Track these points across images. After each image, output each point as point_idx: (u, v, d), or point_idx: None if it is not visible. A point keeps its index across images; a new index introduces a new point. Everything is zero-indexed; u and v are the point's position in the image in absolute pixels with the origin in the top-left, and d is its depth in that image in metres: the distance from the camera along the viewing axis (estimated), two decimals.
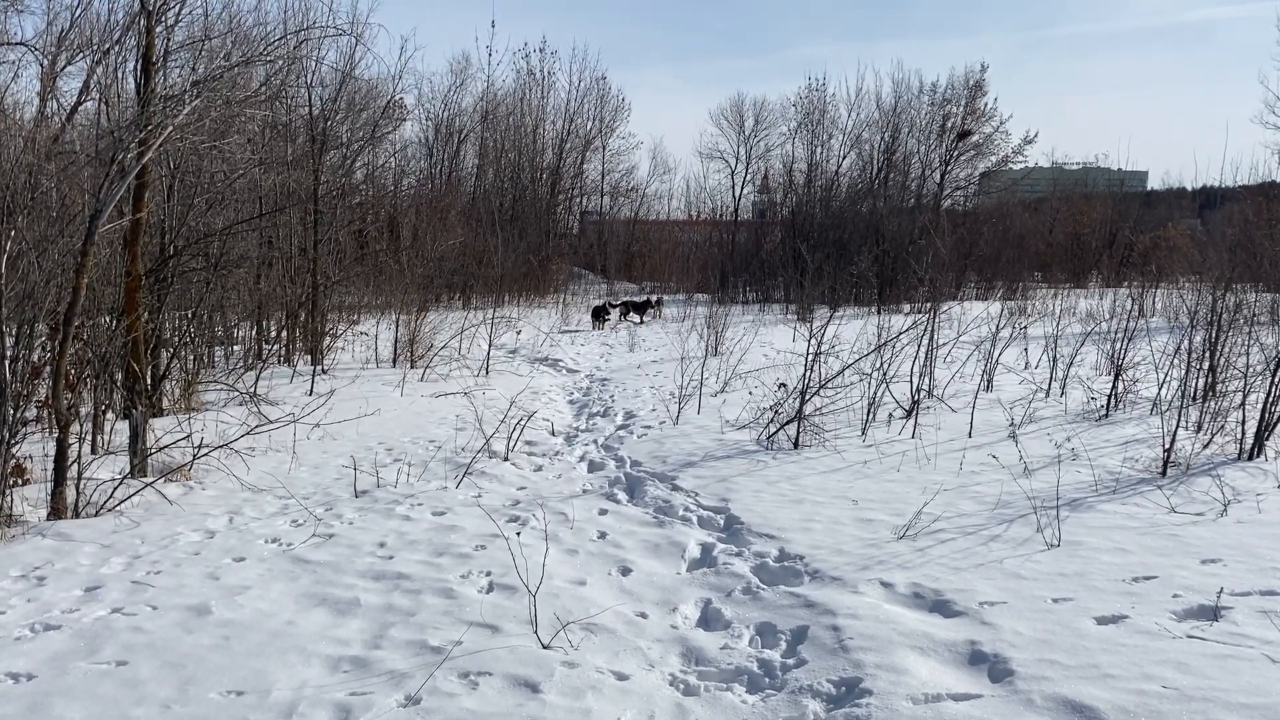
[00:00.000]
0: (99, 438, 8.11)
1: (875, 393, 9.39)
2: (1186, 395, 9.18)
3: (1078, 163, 53.24)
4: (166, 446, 7.35)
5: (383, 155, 29.67)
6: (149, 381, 9.36)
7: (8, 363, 5.88)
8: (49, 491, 6.31)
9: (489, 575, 5.19)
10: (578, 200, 41.97)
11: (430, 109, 36.20)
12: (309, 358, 14.55)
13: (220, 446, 7.37)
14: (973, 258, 29.00)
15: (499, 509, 6.62)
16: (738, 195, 41.48)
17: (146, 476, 7.05)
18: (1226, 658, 3.81)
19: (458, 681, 3.91)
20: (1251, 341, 9.22)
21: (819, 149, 37.41)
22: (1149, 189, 53.23)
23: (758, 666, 4.15)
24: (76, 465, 6.35)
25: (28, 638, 4.37)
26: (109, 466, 7.34)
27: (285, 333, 15.24)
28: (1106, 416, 9.40)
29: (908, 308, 22.32)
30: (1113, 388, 9.68)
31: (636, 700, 3.81)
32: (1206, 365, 9.47)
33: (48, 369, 6.72)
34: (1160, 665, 3.77)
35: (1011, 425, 8.75)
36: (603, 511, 6.65)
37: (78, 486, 6.33)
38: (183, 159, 10.82)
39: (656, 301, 25.01)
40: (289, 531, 6.08)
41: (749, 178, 41.80)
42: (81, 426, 7.37)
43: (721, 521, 6.31)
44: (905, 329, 10.39)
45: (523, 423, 8.95)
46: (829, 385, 9.11)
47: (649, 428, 9.71)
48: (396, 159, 31.77)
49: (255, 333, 15.04)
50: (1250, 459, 7.39)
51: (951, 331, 12.96)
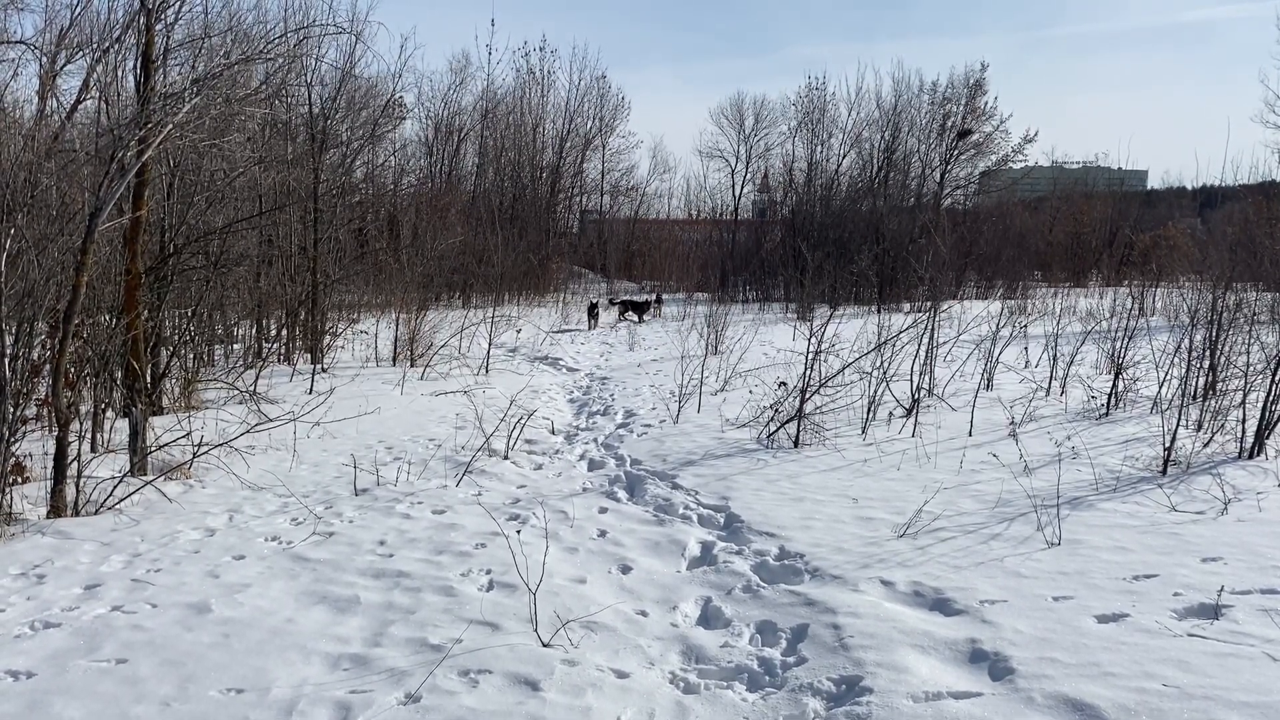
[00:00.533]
0: (99, 436, 8.11)
1: (875, 391, 9.38)
2: (1187, 394, 9.17)
3: (1078, 162, 53.28)
4: (166, 445, 7.35)
5: (382, 154, 29.71)
6: (149, 380, 9.36)
7: (7, 361, 5.87)
8: (49, 490, 6.31)
9: (489, 573, 5.19)
10: (578, 199, 41.98)
11: (430, 107, 36.27)
12: (309, 356, 14.54)
13: (220, 445, 7.37)
14: (973, 257, 29.00)
15: (499, 507, 6.62)
16: (738, 194, 41.53)
17: (146, 475, 7.05)
18: (1227, 656, 3.81)
19: (458, 679, 3.91)
20: (1252, 340, 9.21)
21: (819, 148, 37.45)
22: (1149, 188, 53.33)
23: (758, 665, 4.15)
24: (76, 463, 6.34)
25: (27, 635, 4.37)
26: (109, 465, 7.33)
27: (285, 331, 15.22)
28: (1107, 415, 9.40)
29: (908, 306, 22.32)
30: (1113, 386, 9.68)
31: (636, 698, 3.80)
32: (1207, 364, 9.46)
33: (47, 367, 6.71)
34: (1161, 663, 3.77)
35: (1012, 424, 8.75)
36: (603, 510, 6.65)
37: (77, 485, 6.33)
38: (182, 157, 10.82)
39: (656, 300, 24.98)
40: (289, 530, 6.08)
41: (749, 177, 41.82)
42: (81, 425, 7.36)
43: (722, 520, 6.31)
44: (905, 328, 10.39)
45: (523, 421, 8.95)
46: (829, 384, 9.11)
47: (649, 426, 9.70)
48: (396, 158, 31.81)
49: (255, 331, 15.03)
50: (1251, 458, 7.39)
51: (951, 330, 12.96)
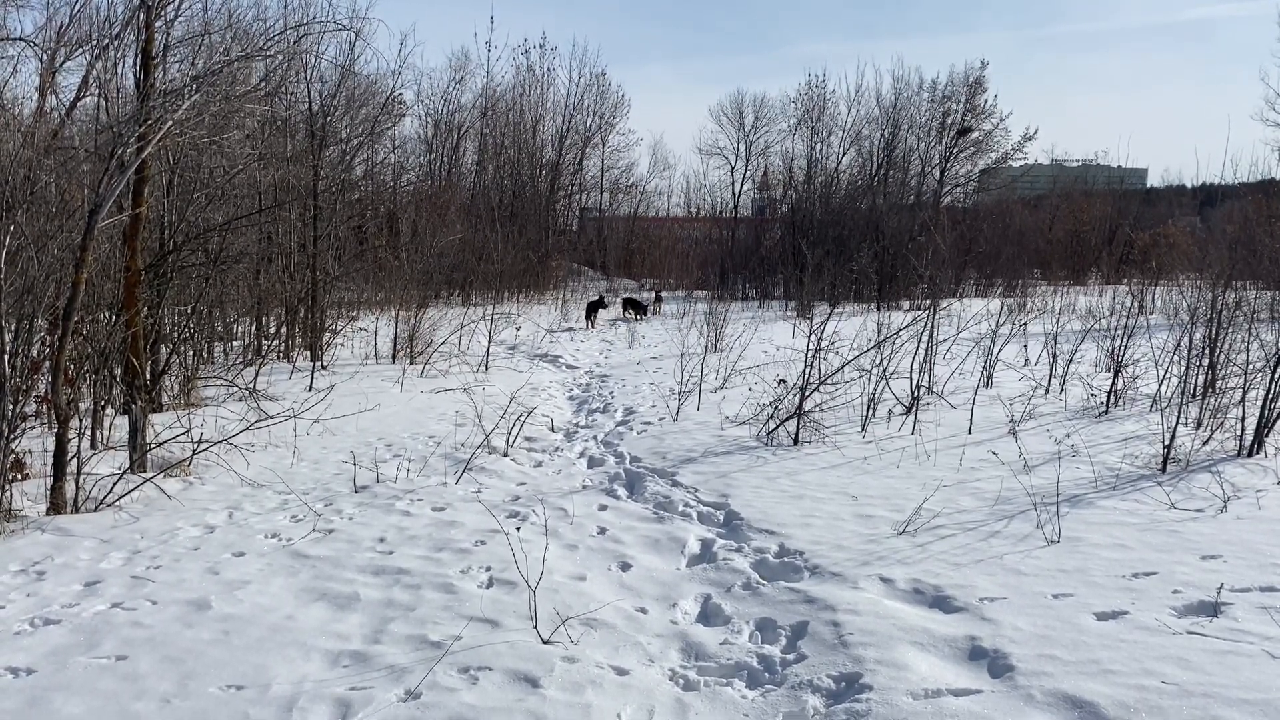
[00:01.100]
0: (98, 433, 8.11)
1: (875, 389, 9.38)
2: (1186, 392, 9.17)
3: (1077, 160, 53.30)
4: (166, 442, 7.35)
5: (382, 151, 29.73)
6: (148, 377, 9.35)
7: (7, 358, 5.87)
8: (48, 486, 6.31)
9: (489, 570, 5.19)
10: (577, 197, 41.98)
11: (430, 105, 36.30)
12: (308, 353, 14.55)
13: (220, 442, 7.37)
14: (972, 255, 29.03)
15: (499, 504, 6.62)
16: (737, 192, 41.54)
17: (146, 472, 7.04)
18: (1226, 653, 3.81)
19: (458, 676, 3.91)
20: (1251, 338, 9.21)
21: (819, 146, 37.49)
22: (1149, 186, 53.37)
23: (757, 662, 4.15)
24: (76, 460, 6.34)
25: (27, 632, 4.37)
26: (108, 462, 7.33)
27: (285, 328, 15.22)
28: (1106, 413, 9.40)
29: (907, 304, 22.34)
30: (1112, 384, 9.68)
31: (636, 695, 3.81)
32: (1206, 362, 9.46)
33: (47, 364, 6.70)
34: (1160, 661, 3.77)
35: (1011, 422, 8.75)
36: (602, 507, 6.65)
37: (77, 481, 6.32)
38: (182, 154, 10.82)
39: (656, 297, 24.98)
40: (288, 526, 6.08)
41: (749, 174, 41.84)
42: (81, 422, 7.37)
43: (721, 517, 6.31)
44: (905, 325, 10.39)
45: (522, 419, 8.95)
46: (829, 381, 9.11)
47: (649, 424, 9.70)
48: (396, 155, 31.84)
49: (255, 328, 15.02)
50: (1250, 455, 7.39)
51: (951, 328, 12.96)
